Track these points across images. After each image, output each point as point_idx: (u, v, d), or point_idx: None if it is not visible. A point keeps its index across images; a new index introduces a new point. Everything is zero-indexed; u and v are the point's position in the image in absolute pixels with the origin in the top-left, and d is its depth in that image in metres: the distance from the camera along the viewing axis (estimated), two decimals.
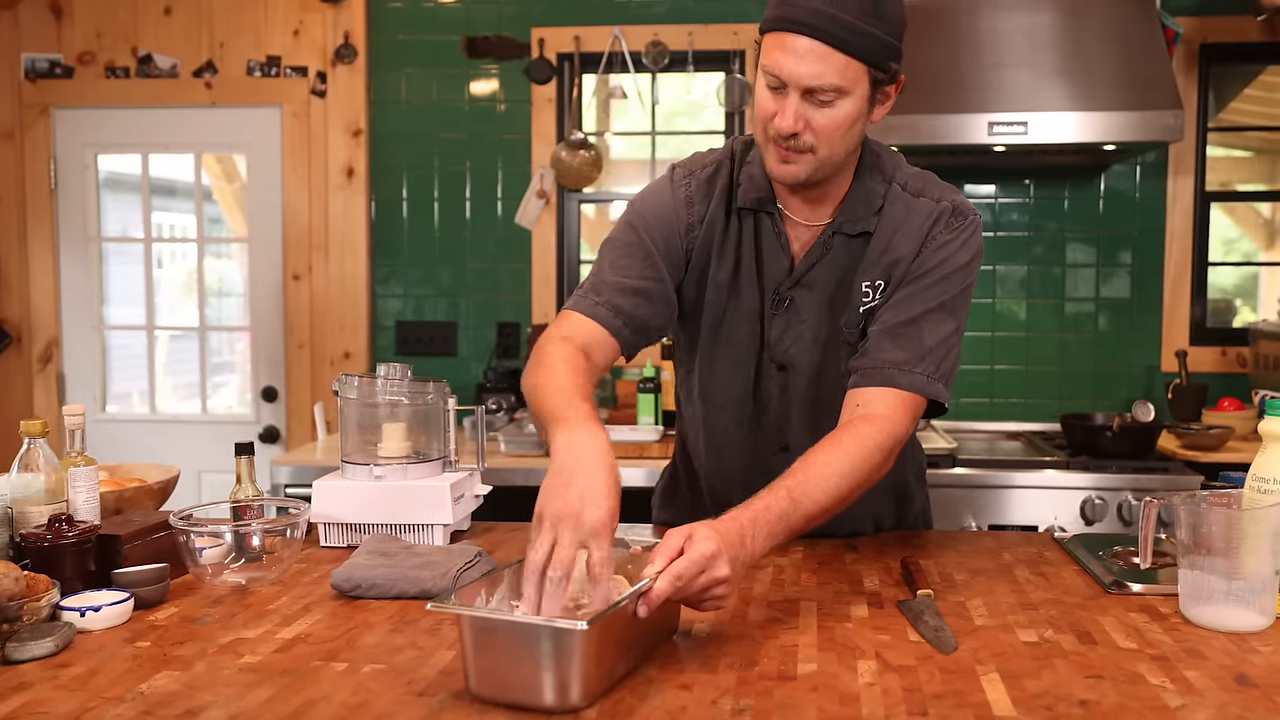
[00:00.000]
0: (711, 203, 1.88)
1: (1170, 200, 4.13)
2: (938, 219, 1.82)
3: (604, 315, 1.81)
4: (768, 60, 1.68)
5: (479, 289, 4.38)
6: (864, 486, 1.67)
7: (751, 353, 1.92)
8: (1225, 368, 4.14)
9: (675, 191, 1.90)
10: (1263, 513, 1.49)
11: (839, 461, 1.63)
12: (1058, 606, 1.62)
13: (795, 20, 1.63)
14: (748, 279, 1.89)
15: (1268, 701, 1.24)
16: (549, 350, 1.73)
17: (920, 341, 1.77)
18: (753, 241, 1.88)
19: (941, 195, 1.85)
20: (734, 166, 1.90)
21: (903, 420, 1.74)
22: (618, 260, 1.87)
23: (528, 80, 4.31)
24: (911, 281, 1.81)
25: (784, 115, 1.68)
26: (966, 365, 4.21)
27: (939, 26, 3.67)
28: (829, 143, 1.71)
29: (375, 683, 1.31)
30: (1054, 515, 3.31)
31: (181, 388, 4.73)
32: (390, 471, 1.99)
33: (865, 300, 1.84)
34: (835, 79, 1.65)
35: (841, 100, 1.67)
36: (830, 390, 1.87)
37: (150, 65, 4.38)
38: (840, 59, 1.64)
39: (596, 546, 1.33)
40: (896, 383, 1.75)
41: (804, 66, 1.64)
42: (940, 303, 1.80)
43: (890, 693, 1.27)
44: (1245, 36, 4.05)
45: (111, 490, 1.93)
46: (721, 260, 1.89)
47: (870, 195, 1.84)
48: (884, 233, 1.83)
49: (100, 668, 1.37)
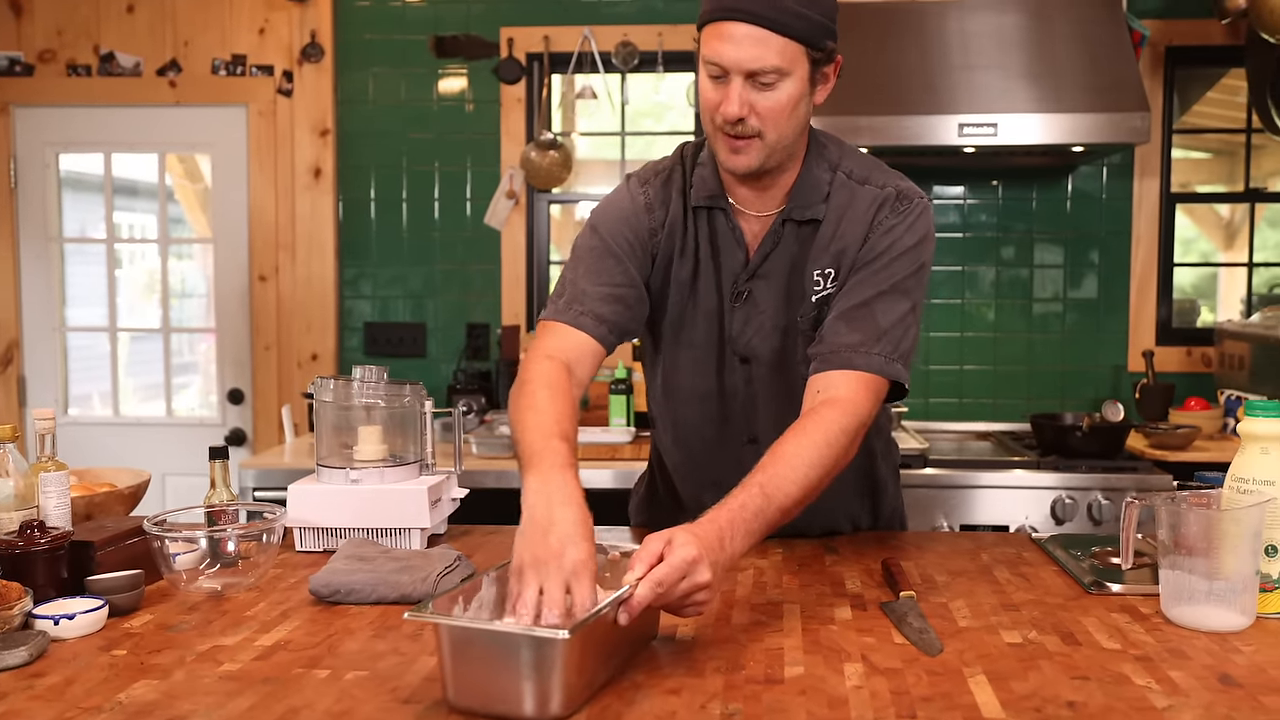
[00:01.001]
0: (670, 206, 1.91)
1: (1136, 201, 4.17)
2: (882, 204, 1.84)
3: (589, 325, 1.83)
4: (708, 51, 1.72)
5: (448, 290, 4.35)
6: (834, 473, 1.67)
7: (713, 347, 1.95)
8: (1191, 367, 4.17)
9: (634, 199, 1.93)
10: (1242, 513, 1.50)
11: (807, 451, 1.63)
12: (1040, 607, 1.62)
13: (731, 8, 1.68)
14: (707, 275, 1.92)
15: (1253, 701, 1.24)
16: (534, 372, 1.74)
17: (874, 323, 1.78)
18: (709, 239, 1.91)
19: (886, 181, 1.87)
20: (685, 169, 1.93)
21: (864, 402, 1.74)
22: (593, 268, 1.88)
23: (496, 80, 4.28)
24: (862, 268, 1.83)
25: (729, 101, 1.71)
26: (936, 365, 4.22)
27: (908, 28, 3.68)
28: (775, 125, 1.74)
29: (359, 690, 1.30)
30: (1025, 515, 3.32)
31: (143, 389, 4.67)
32: (367, 475, 1.97)
33: (817, 289, 1.87)
34: (775, 60, 1.68)
35: (783, 82, 1.71)
36: (793, 379, 1.89)
37: (113, 63, 4.33)
38: (778, 41, 1.68)
39: (579, 586, 1.33)
40: (854, 364, 1.76)
41: (743, 51, 1.68)
42: (892, 284, 1.81)
43: (878, 695, 1.27)
44: (1209, 39, 4.09)
45: (82, 495, 1.90)
46: (683, 260, 1.92)
47: (817, 182, 1.86)
48: (831, 220, 1.86)
49: (76, 677, 1.34)
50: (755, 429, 1.97)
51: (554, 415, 1.63)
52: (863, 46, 3.62)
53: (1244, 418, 1.59)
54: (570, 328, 1.83)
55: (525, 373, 1.75)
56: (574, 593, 1.32)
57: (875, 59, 3.61)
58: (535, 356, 1.79)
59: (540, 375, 1.73)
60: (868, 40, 3.64)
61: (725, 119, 1.72)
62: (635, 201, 1.92)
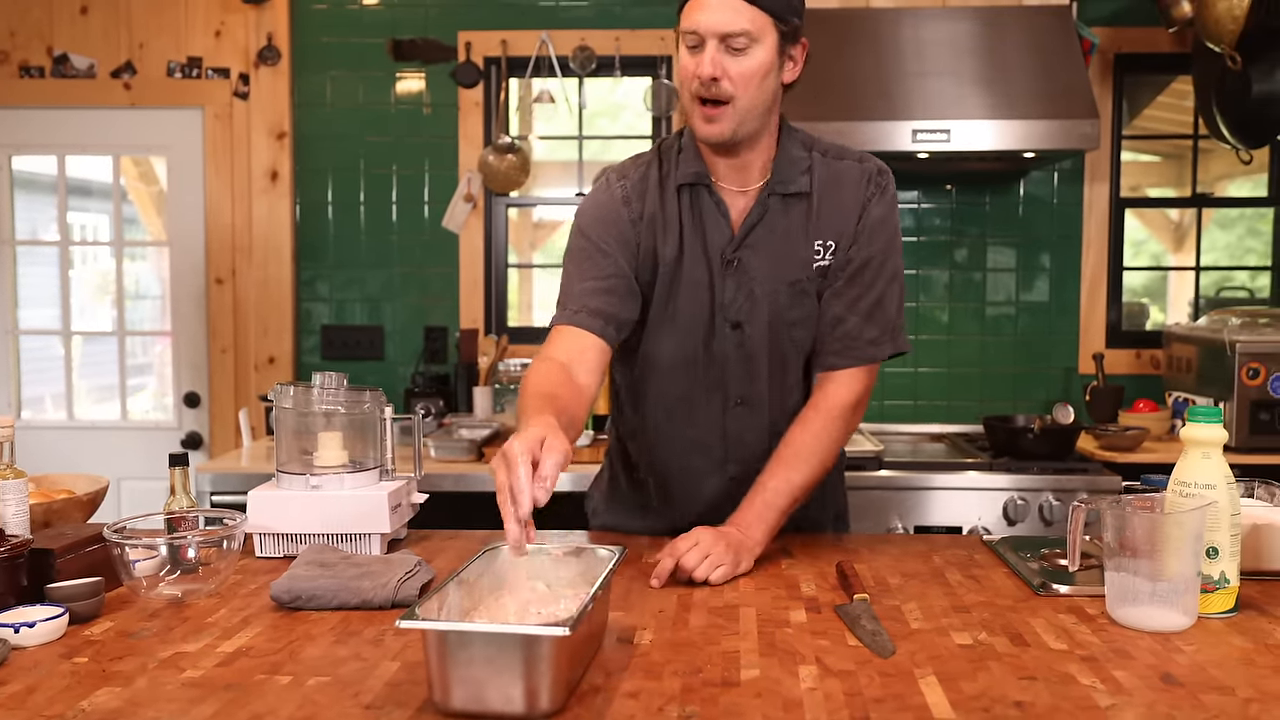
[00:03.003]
0: (648, 196, 2.04)
1: (1087, 206, 4.23)
2: (869, 179, 2.02)
3: (584, 320, 1.97)
4: (686, 23, 1.88)
5: (406, 293, 4.36)
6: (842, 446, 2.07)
7: (702, 317, 2.05)
8: (1140, 370, 4.25)
9: (613, 193, 2.05)
10: (1184, 516, 1.54)
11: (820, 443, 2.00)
12: (990, 609, 1.66)
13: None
14: (693, 249, 2.02)
15: (1193, 700, 1.28)
16: (530, 375, 1.89)
17: (887, 315, 2.04)
18: (693, 216, 2.02)
19: (861, 157, 2.06)
20: (662, 159, 2.06)
21: (870, 381, 2.07)
22: (580, 267, 2.03)
23: (454, 84, 4.29)
24: (868, 257, 2.01)
25: (703, 63, 1.86)
26: (891, 368, 4.26)
27: (863, 35, 3.72)
28: (746, 89, 1.88)
29: (321, 695, 1.31)
30: (978, 516, 3.37)
31: (96, 390, 4.64)
32: (327, 481, 1.98)
33: (818, 258, 2.02)
34: (745, 24, 1.85)
35: (753, 48, 1.87)
36: (783, 341, 2.06)
37: (66, 65, 4.30)
38: (748, 9, 1.85)
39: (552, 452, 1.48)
40: (874, 358, 2.04)
41: (716, 15, 1.84)
42: (893, 272, 2.04)
43: (832, 697, 1.30)
44: (1157, 47, 4.17)
45: (40, 502, 1.90)
46: (666, 240, 2.03)
47: (795, 158, 2.01)
48: (820, 194, 2.01)
49: (38, 685, 1.35)
50: (745, 390, 2.08)
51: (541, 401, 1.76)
52: (818, 52, 3.61)
53: (1186, 423, 1.63)
54: (569, 328, 1.97)
55: (525, 378, 1.88)
56: (541, 462, 1.47)
57: (831, 65, 3.65)
58: (536, 361, 1.95)
59: (533, 379, 1.87)
60: (823, 46, 3.67)
61: (700, 79, 1.87)
62: (613, 196, 2.04)
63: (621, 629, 1.55)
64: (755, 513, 1.93)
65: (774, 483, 1.96)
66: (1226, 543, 1.60)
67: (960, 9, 3.76)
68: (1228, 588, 1.60)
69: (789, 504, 1.96)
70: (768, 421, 2.09)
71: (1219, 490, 1.59)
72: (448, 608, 1.37)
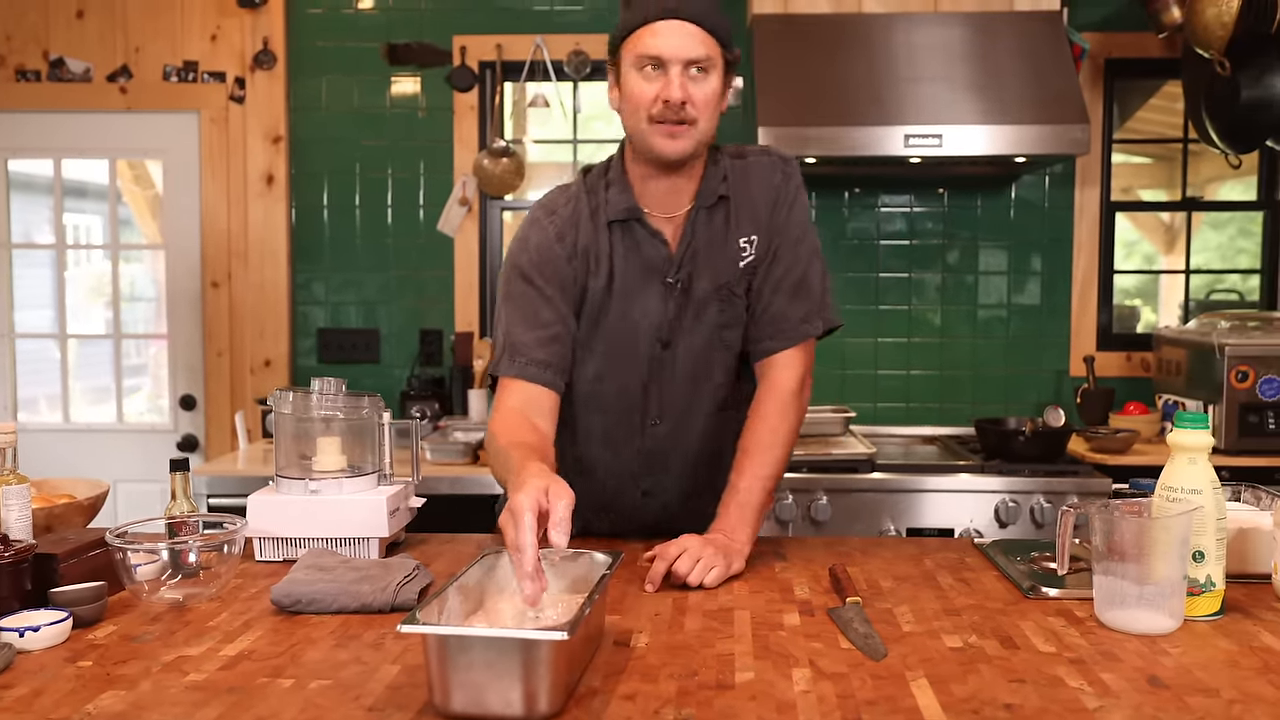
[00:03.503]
0: (580, 229, 2.06)
1: (1078, 210, 4.27)
2: (775, 168, 2.10)
3: (534, 373, 2.01)
4: (643, 49, 1.92)
5: (401, 296, 4.38)
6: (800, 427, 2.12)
7: (630, 343, 2.09)
8: (1130, 372, 4.28)
9: (547, 231, 2.06)
10: (1171, 521, 1.57)
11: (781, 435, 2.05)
12: (980, 612, 1.68)
13: (665, 9, 1.91)
14: (625, 279, 2.06)
15: (1179, 702, 1.31)
16: (496, 428, 1.94)
17: (812, 291, 2.11)
18: (626, 248, 2.06)
19: (765, 149, 2.13)
20: (589, 195, 2.08)
21: (810, 358, 2.13)
22: (524, 316, 2.04)
23: (449, 88, 4.31)
24: (783, 242, 2.08)
25: (671, 87, 1.91)
26: (884, 370, 4.30)
27: (856, 40, 3.75)
28: (705, 114, 1.95)
29: (323, 699, 1.33)
30: (969, 518, 3.40)
31: (91, 392, 4.65)
32: (325, 486, 2.00)
33: (744, 255, 2.08)
34: (706, 50, 1.92)
35: (712, 73, 1.94)
36: (712, 347, 2.12)
37: (62, 69, 4.31)
38: (707, 37, 1.92)
39: (560, 498, 1.50)
40: (807, 335, 2.10)
41: (682, 42, 1.91)
42: (810, 248, 2.12)
43: (825, 700, 1.32)
44: (1147, 52, 4.20)
45: (42, 507, 1.92)
46: (596, 273, 2.06)
47: (715, 170, 2.07)
48: (735, 193, 2.07)
49: (44, 688, 1.37)
50: (663, 408, 2.14)
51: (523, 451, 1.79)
52: (811, 58, 3.69)
53: (1173, 429, 1.66)
54: (519, 381, 2.00)
55: (490, 434, 1.94)
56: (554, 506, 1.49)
57: (823, 71, 3.68)
58: (495, 414, 1.99)
59: (501, 429, 1.92)
60: (816, 52, 3.71)
61: (672, 101, 1.91)
62: (546, 234, 2.06)
63: (618, 632, 1.58)
64: (735, 516, 1.96)
65: (744, 481, 2.00)
66: (1212, 547, 1.62)
67: (952, 14, 3.79)
68: (1213, 591, 1.63)
69: (763, 499, 2.01)
70: (679, 436, 2.15)
71: (1205, 495, 1.62)
72: (447, 612, 1.39)
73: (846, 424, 3.85)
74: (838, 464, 3.50)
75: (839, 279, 4.24)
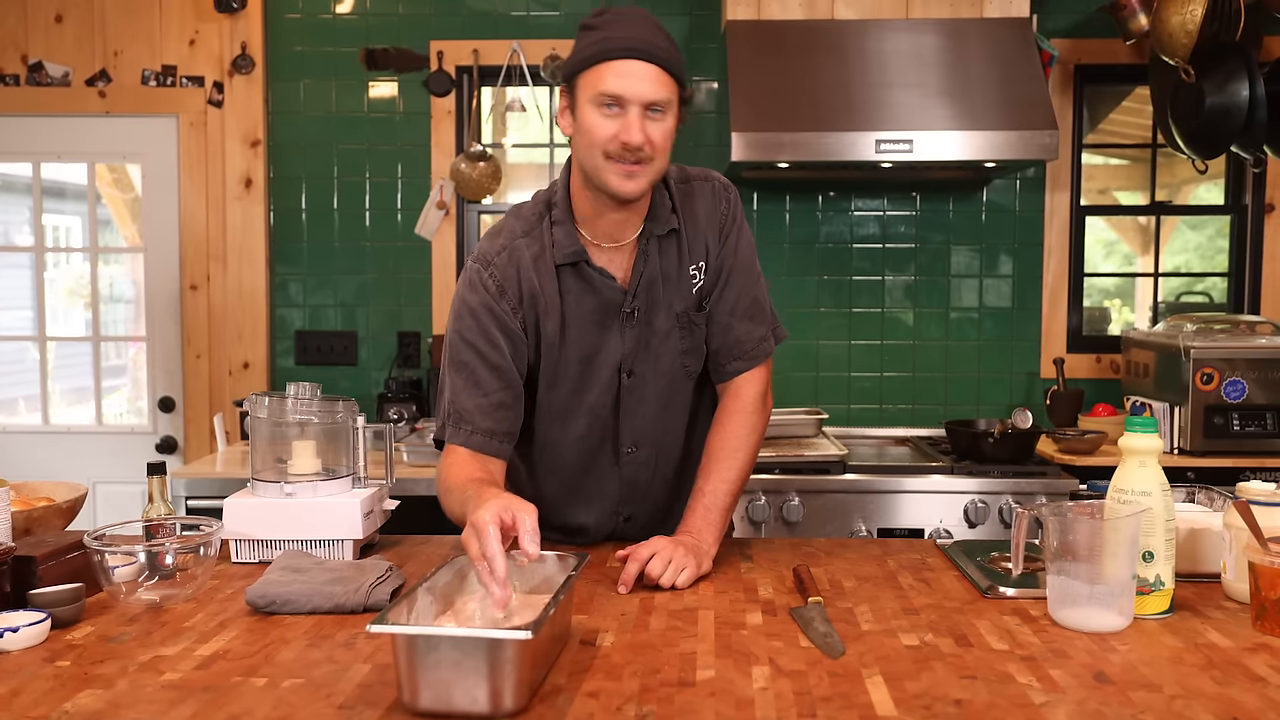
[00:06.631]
0: (522, 278, 2.03)
1: (1048, 213, 4.32)
2: (717, 194, 2.13)
3: (479, 442, 2.01)
4: (604, 86, 1.90)
5: (379, 298, 4.41)
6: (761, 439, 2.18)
7: (597, 377, 2.11)
8: (1100, 374, 4.34)
9: (486, 287, 2.03)
10: (1121, 522, 1.62)
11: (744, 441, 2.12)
12: (938, 611, 1.73)
13: (626, 48, 1.89)
14: (579, 319, 2.07)
15: (1122, 697, 1.36)
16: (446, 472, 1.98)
17: (763, 310, 2.19)
18: (578, 289, 2.06)
19: (701, 173, 2.16)
20: (527, 238, 2.06)
21: (769, 372, 2.21)
22: (467, 382, 2.03)
23: (427, 92, 4.35)
24: (735, 264, 2.13)
25: (631, 129, 1.90)
26: (857, 372, 4.35)
27: (828, 46, 3.80)
28: (662, 153, 1.96)
29: (295, 697, 1.37)
30: (939, 519, 3.45)
31: (69, 393, 4.67)
32: (300, 489, 2.04)
33: (694, 281, 2.11)
34: (665, 93, 1.92)
35: (668, 113, 1.94)
36: (674, 373, 2.16)
37: (41, 73, 4.33)
38: (665, 77, 1.92)
39: (524, 512, 1.58)
40: (766, 353, 2.19)
41: (644, 84, 1.90)
42: (757, 271, 2.19)
43: (782, 696, 1.37)
44: (1116, 59, 4.26)
45: (21, 510, 1.95)
46: (548, 317, 2.05)
47: (663, 199, 2.09)
48: (686, 224, 2.10)
49: (22, 688, 1.40)
50: (637, 435, 2.17)
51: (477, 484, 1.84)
52: (784, 64, 3.74)
53: (1125, 433, 1.71)
54: (463, 449, 2.01)
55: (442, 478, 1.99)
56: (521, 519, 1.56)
57: (796, 77, 3.73)
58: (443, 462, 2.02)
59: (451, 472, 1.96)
60: (789, 58, 3.75)
61: (630, 145, 1.90)
62: (487, 290, 2.02)
63: (585, 632, 1.62)
64: (700, 519, 2.01)
65: (710, 485, 2.05)
66: (1161, 547, 1.68)
67: (922, 21, 3.84)
68: (1163, 590, 1.68)
69: (729, 501, 2.06)
70: (657, 460, 2.20)
71: (1155, 497, 1.67)
72: (417, 612, 1.43)
73: (819, 426, 3.90)
74: (810, 465, 3.54)
75: (812, 282, 4.29)
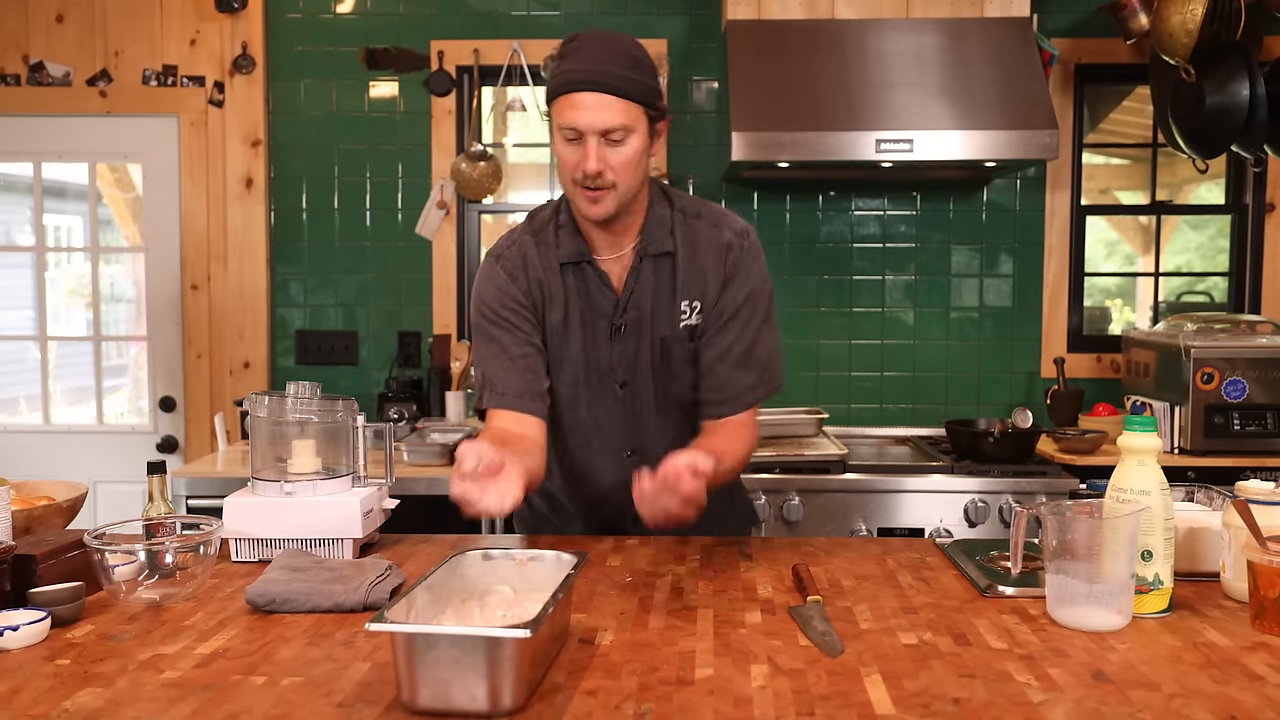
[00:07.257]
0: (529, 269, 2.15)
1: (1049, 213, 4.33)
2: (729, 249, 2.14)
3: (510, 402, 2.10)
4: (563, 119, 1.97)
5: (380, 298, 4.41)
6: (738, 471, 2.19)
7: (589, 380, 2.17)
8: (1100, 373, 4.34)
9: (498, 274, 2.16)
10: (1120, 521, 1.62)
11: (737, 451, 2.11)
12: (937, 610, 1.73)
13: (580, 80, 1.95)
14: (577, 320, 2.15)
15: (1120, 695, 1.36)
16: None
17: (760, 361, 2.16)
18: (578, 289, 2.15)
19: (718, 221, 2.17)
20: (539, 236, 2.17)
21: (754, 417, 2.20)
22: (495, 350, 2.14)
23: (427, 92, 4.35)
24: (735, 308, 2.13)
25: (588, 159, 1.97)
26: (858, 372, 4.36)
27: (828, 46, 3.80)
28: (625, 177, 2.00)
29: (295, 695, 1.37)
30: (939, 518, 3.45)
31: (70, 393, 4.67)
32: (300, 488, 2.04)
33: (684, 318, 2.14)
34: (622, 120, 1.96)
35: (630, 138, 1.98)
36: (667, 391, 2.18)
37: (42, 73, 4.33)
38: (621, 103, 1.95)
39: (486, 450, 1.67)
40: (752, 404, 2.16)
41: (596, 115, 1.95)
42: (763, 318, 2.17)
43: (781, 695, 1.37)
44: (1116, 58, 4.26)
45: (21, 509, 1.96)
46: (553, 308, 2.15)
47: (661, 219, 2.14)
48: (684, 255, 2.14)
49: (22, 686, 1.41)
50: (635, 443, 2.22)
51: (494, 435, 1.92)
52: (784, 64, 3.74)
53: (1124, 433, 1.71)
54: (500, 410, 2.10)
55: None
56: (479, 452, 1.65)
57: (796, 76, 3.73)
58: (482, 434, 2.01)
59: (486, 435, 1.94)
60: (789, 58, 3.76)
61: (586, 174, 1.97)
62: (499, 276, 2.16)
63: (584, 630, 1.62)
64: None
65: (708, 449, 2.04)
66: (1160, 546, 1.68)
67: (923, 21, 3.84)
68: (1161, 589, 1.68)
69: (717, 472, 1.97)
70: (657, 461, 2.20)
71: (1153, 496, 1.67)
72: (416, 611, 1.43)
73: (819, 425, 3.90)
74: (810, 465, 3.55)
75: (813, 281, 4.29)
